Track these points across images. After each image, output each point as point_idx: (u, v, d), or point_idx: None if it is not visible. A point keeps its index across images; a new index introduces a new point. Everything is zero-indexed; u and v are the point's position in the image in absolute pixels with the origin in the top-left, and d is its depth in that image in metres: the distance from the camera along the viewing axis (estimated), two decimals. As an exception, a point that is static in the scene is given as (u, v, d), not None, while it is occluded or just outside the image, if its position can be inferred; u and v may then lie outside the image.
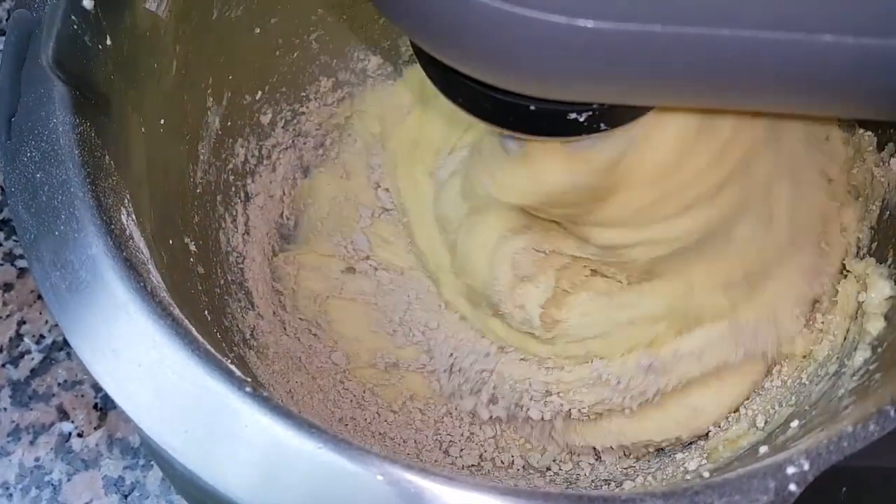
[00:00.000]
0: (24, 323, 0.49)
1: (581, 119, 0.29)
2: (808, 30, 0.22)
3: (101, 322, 0.26)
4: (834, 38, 0.22)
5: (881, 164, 0.39)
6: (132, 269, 0.27)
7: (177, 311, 0.27)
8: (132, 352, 0.26)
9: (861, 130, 0.40)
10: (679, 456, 0.40)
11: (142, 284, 0.27)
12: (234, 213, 0.45)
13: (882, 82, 0.24)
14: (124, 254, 0.27)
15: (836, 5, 0.22)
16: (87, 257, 0.27)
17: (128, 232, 0.29)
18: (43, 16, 0.31)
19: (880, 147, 0.39)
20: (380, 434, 0.42)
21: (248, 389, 0.25)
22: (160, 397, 0.25)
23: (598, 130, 0.30)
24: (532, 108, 0.29)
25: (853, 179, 0.40)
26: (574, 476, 0.42)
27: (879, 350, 0.33)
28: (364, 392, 0.44)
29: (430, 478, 0.24)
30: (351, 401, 0.44)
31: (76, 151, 0.29)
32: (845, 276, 0.39)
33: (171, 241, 0.36)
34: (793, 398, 0.37)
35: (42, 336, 0.48)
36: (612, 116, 0.30)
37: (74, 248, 0.27)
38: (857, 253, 0.39)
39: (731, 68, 0.24)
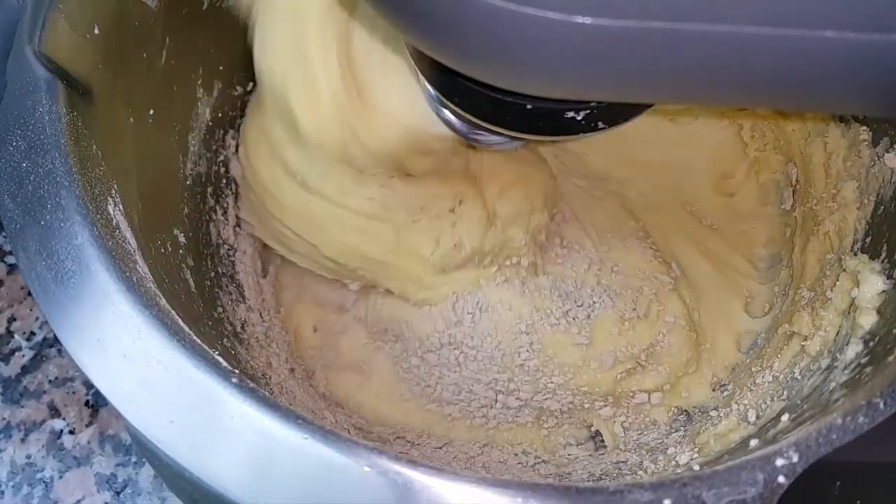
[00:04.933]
0: (15, 320, 0.49)
1: (579, 117, 0.29)
2: (809, 26, 0.22)
3: (86, 312, 0.26)
4: (835, 34, 0.22)
5: (876, 159, 0.39)
6: (118, 259, 0.27)
7: (163, 302, 0.27)
8: (118, 342, 0.25)
9: (856, 125, 0.40)
10: (671, 450, 0.40)
11: (128, 275, 0.27)
12: (225, 205, 0.45)
13: (883, 78, 0.24)
14: (110, 244, 0.27)
15: (837, 1, 0.22)
16: (72, 247, 0.27)
17: (114, 222, 0.29)
18: (30, 3, 0.31)
19: (875, 142, 0.39)
20: (367, 430, 0.42)
21: (234, 380, 0.25)
22: (145, 388, 0.25)
23: (595, 129, 0.30)
24: (529, 106, 0.28)
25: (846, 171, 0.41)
26: (566, 471, 0.42)
27: (871, 344, 0.33)
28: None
29: (419, 469, 0.23)
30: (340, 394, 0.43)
31: (63, 141, 0.29)
32: (839, 274, 0.39)
33: (160, 233, 0.36)
34: (784, 392, 0.36)
35: (33, 333, 0.48)
36: (609, 115, 0.30)
37: (60, 237, 0.27)
38: (852, 248, 0.39)
39: (731, 65, 0.23)
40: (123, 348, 0.25)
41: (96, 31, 0.33)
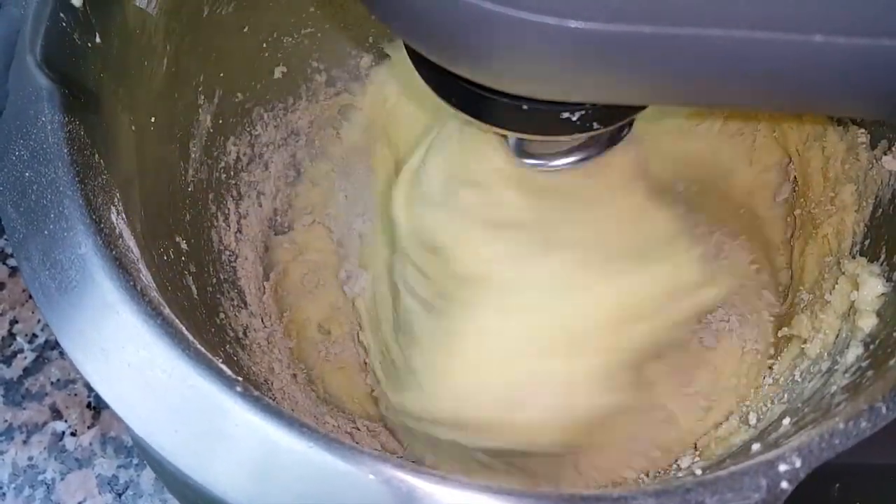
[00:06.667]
0: (17, 322, 0.49)
1: (574, 118, 0.29)
2: (800, 30, 0.22)
3: (90, 322, 0.26)
4: (825, 38, 0.22)
5: (874, 162, 0.39)
6: (122, 268, 0.27)
7: (167, 311, 0.27)
8: (122, 351, 0.25)
9: (854, 128, 0.40)
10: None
11: (131, 284, 0.27)
12: (227, 211, 0.45)
13: (873, 82, 0.24)
14: (114, 253, 0.27)
15: (827, 5, 0.22)
16: (76, 256, 0.27)
17: (118, 231, 0.29)
18: (31, 13, 0.31)
19: (873, 145, 0.39)
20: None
21: (238, 389, 0.25)
22: (150, 397, 0.25)
23: (590, 129, 0.30)
24: (525, 107, 0.28)
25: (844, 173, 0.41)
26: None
27: (871, 347, 0.33)
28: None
29: (423, 477, 0.23)
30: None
31: (65, 150, 0.29)
32: (838, 276, 0.39)
33: (162, 240, 0.36)
34: (785, 395, 0.37)
35: (35, 335, 0.48)
36: (604, 116, 0.30)
37: (64, 247, 0.27)
38: (850, 251, 0.39)
39: (722, 68, 0.23)
40: (127, 358, 0.25)
41: (97, 39, 0.33)
